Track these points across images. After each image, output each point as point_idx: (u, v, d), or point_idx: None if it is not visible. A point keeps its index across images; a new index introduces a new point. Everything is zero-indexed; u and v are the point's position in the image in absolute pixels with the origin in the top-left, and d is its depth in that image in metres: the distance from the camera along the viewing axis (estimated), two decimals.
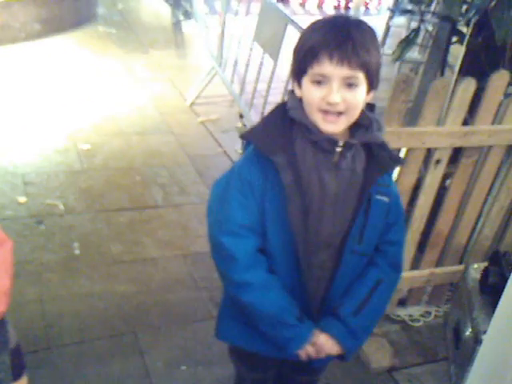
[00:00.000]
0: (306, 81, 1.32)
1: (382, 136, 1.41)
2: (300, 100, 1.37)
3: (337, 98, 1.28)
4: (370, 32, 1.31)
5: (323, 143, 1.35)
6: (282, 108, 1.40)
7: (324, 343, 1.47)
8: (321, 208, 1.38)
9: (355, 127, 1.38)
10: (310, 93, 1.31)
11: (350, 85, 1.29)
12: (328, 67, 1.27)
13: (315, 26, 1.32)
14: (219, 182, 1.45)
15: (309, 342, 1.45)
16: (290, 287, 1.44)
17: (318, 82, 1.29)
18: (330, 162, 1.37)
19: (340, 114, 1.31)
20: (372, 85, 1.34)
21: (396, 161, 1.47)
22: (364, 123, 1.38)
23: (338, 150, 1.36)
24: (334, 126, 1.33)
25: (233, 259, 1.38)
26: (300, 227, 1.37)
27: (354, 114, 1.34)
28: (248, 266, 1.39)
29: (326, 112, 1.31)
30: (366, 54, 1.27)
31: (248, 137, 1.41)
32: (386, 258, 1.52)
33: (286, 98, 1.44)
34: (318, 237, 1.40)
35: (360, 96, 1.32)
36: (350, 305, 1.49)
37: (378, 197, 1.42)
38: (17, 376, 1.69)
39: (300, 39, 1.35)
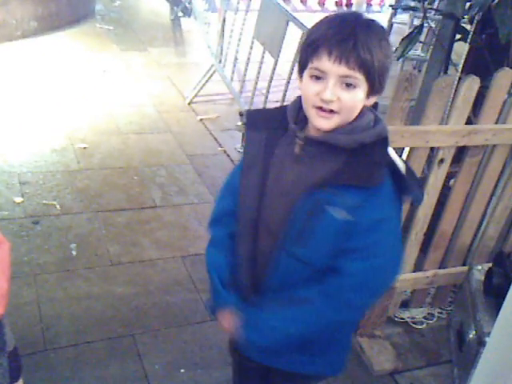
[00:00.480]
0: (305, 75, 1.33)
1: (350, 141, 1.31)
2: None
3: (330, 95, 1.27)
4: (379, 33, 1.29)
5: (289, 133, 1.40)
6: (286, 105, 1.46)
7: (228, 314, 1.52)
8: (273, 195, 1.42)
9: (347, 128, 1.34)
10: (307, 87, 1.31)
11: (347, 85, 1.27)
12: (326, 63, 1.26)
13: (323, 21, 1.32)
14: None
15: (221, 310, 1.53)
16: (237, 269, 1.54)
17: (317, 77, 1.29)
18: (291, 152, 1.39)
19: (333, 112, 1.30)
20: (374, 88, 1.31)
21: (365, 178, 1.30)
22: (355, 126, 1.33)
23: (300, 142, 1.37)
24: (326, 123, 1.31)
25: (211, 215, 1.60)
26: (251, 206, 1.45)
27: (349, 116, 1.32)
28: (216, 222, 1.58)
29: (319, 108, 1.30)
30: (367, 55, 1.24)
31: (248, 113, 1.49)
32: (321, 283, 1.39)
33: (287, 97, 1.47)
34: (263, 221, 1.45)
35: (357, 98, 1.29)
36: (271, 298, 1.47)
37: (331, 209, 1.31)
38: (14, 378, 1.70)
39: (307, 32, 1.36)
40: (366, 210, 1.32)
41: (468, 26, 3.02)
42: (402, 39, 3.02)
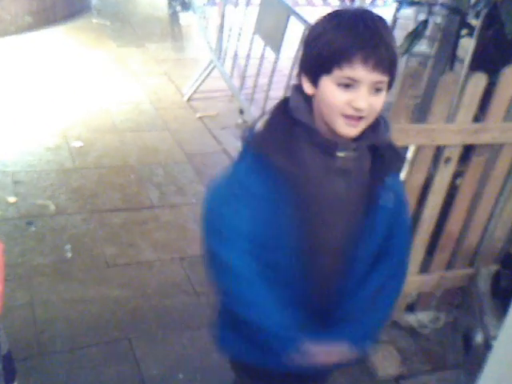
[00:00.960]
0: (328, 81, 1.26)
1: (388, 136, 1.39)
2: (307, 98, 1.33)
3: (365, 104, 1.25)
4: (389, 28, 1.29)
5: (323, 146, 1.33)
6: (283, 107, 1.36)
7: (334, 356, 1.45)
8: (329, 215, 1.38)
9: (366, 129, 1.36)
10: (334, 96, 1.26)
11: (377, 89, 1.27)
12: (361, 71, 1.22)
13: (340, 22, 1.26)
14: (216, 189, 1.42)
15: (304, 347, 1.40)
16: (296, 300, 1.44)
17: (346, 85, 1.24)
18: (331, 166, 1.34)
19: (361, 118, 1.28)
20: (391, 85, 1.32)
21: (401, 160, 1.48)
22: (373, 124, 1.35)
23: (341, 153, 1.33)
24: (354, 130, 1.30)
25: (229, 268, 1.37)
26: (305, 235, 1.36)
27: (373, 118, 1.32)
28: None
29: (348, 116, 1.27)
30: (395, 56, 1.26)
31: (255, 146, 1.34)
32: (390, 260, 1.50)
33: (288, 94, 1.41)
34: (327, 244, 1.40)
35: (383, 100, 1.30)
36: (355, 308, 1.48)
37: (383, 201, 1.40)
38: (9, 383, 1.70)
39: (320, 34, 1.27)
40: (398, 191, 1.46)
41: (474, 22, 3.02)
42: (407, 35, 3.01)
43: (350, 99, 1.25)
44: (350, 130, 1.29)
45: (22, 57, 5.17)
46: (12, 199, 3.23)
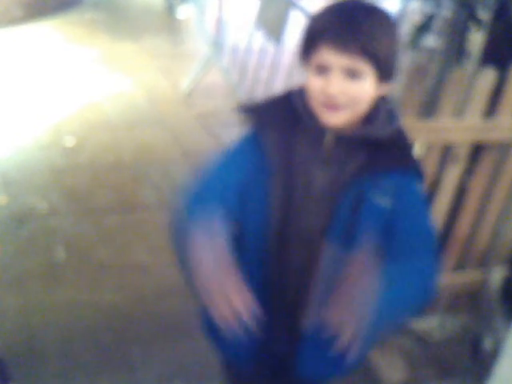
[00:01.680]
0: (309, 69, 1.31)
1: (390, 131, 1.34)
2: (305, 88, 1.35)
3: (333, 89, 1.26)
4: (384, 18, 1.28)
5: (312, 133, 1.35)
6: (289, 93, 1.40)
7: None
8: (304, 202, 1.37)
9: (364, 121, 1.35)
10: (311, 83, 1.30)
11: (352, 75, 1.26)
12: (326, 55, 1.25)
13: (321, 11, 1.31)
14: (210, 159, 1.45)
15: None
16: (260, 282, 1.40)
17: (320, 71, 1.28)
18: (319, 154, 1.35)
19: (339, 106, 1.28)
20: (384, 76, 1.30)
21: (403, 162, 1.37)
22: (370, 115, 1.35)
23: (329, 142, 1.34)
24: (335, 118, 1.30)
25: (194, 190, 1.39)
26: (279, 219, 1.37)
27: (359, 108, 1.31)
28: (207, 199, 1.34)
29: (325, 104, 1.29)
30: (371, 41, 1.23)
31: (246, 110, 1.40)
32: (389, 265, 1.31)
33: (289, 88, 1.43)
34: (299, 232, 1.38)
35: (365, 88, 1.28)
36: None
37: (374, 199, 1.34)
38: (5, 381, 1.71)
39: (305, 25, 1.33)
40: (409, 195, 1.37)
41: (483, 15, 3.01)
42: (414, 28, 3.01)
43: (323, 86, 1.27)
44: (330, 119, 1.30)
45: (13, 50, 5.17)
46: (3, 199, 3.22)
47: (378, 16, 1.28)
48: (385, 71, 1.29)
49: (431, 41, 5.21)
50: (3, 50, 5.17)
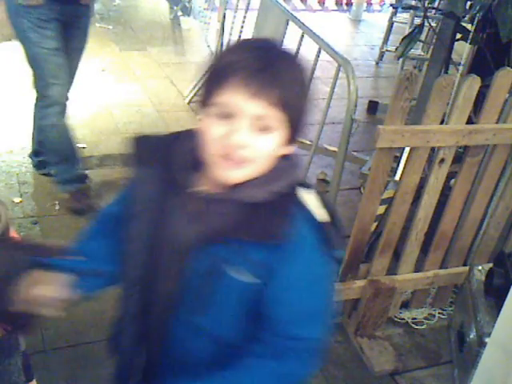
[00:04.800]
0: (208, 112, 1.05)
1: (260, 195, 1.07)
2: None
3: (238, 139, 1.01)
4: (301, 66, 1.08)
5: (177, 184, 1.12)
6: (178, 134, 1.20)
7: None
8: (163, 251, 1.14)
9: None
10: (209, 129, 1.04)
11: (263, 128, 1.03)
12: (237, 98, 1.00)
13: (234, 46, 1.11)
14: None
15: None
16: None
17: (224, 115, 1.02)
18: (183, 205, 1.12)
19: (243, 161, 1.04)
20: (294, 134, 1.07)
21: (271, 235, 1.05)
22: (274, 174, 1.09)
23: (193, 198, 1.11)
24: (235, 175, 1.05)
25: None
26: (134, 264, 1.17)
27: (262, 166, 1.07)
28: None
29: (225, 157, 1.03)
30: (290, 91, 1.03)
31: (136, 139, 1.19)
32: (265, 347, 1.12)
33: None
34: (154, 284, 1.16)
35: (271, 145, 1.05)
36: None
37: (231, 270, 1.08)
38: (29, 377, 1.73)
39: (213, 59, 1.09)
40: (286, 272, 1.09)
41: (469, 26, 3.03)
42: (403, 38, 3.03)
43: (225, 133, 1.02)
44: (231, 174, 1.05)
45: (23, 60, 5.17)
46: (17, 199, 3.24)
47: (297, 64, 1.08)
48: (295, 130, 1.07)
49: (419, 50, 5.24)
50: (16, 59, 5.18)
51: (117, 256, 1.19)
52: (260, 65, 1.01)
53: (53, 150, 3.16)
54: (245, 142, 1.02)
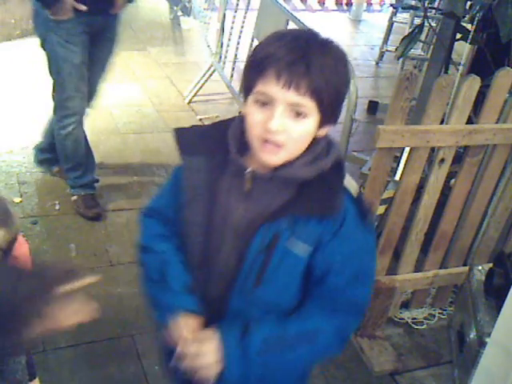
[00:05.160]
0: (250, 100, 1.16)
1: (309, 172, 1.18)
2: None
3: (277, 125, 1.11)
4: (337, 54, 1.15)
5: (233, 166, 1.22)
6: (226, 122, 1.29)
7: (206, 343, 1.21)
8: (223, 233, 1.25)
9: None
10: (251, 115, 1.15)
11: (297, 114, 1.12)
12: (273, 87, 1.10)
13: (272, 36, 1.16)
14: None
15: (184, 314, 1.27)
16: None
17: (263, 103, 1.13)
18: (239, 189, 1.22)
19: (280, 145, 1.14)
20: (326, 118, 1.16)
21: (325, 209, 1.17)
22: (315, 154, 1.20)
23: (248, 178, 1.21)
24: (273, 158, 1.16)
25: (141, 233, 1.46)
26: (199, 244, 1.28)
27: (296, 150, 1.17)
28: (151, 235, 1.44)
29: (265, 141, 1.14)
30: (321, 80, 1.09)
31: (178, 131, 1.31)
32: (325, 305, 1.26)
33: None
34: (214, 264, 1.27)
35: (307, 129, 1.14)
36: (264, 333, 1.23)
37: (289, 245, 1.19)
38: (32, 375, 1.74)
39: (253, 49, 1.19)
40: (337, 242, 1.19)
41: (469, 26, 3.03)
42: (403, 38, 3.03)
43: (265, 119, 1.12)
44: (268, 158, 1.16)
45: (27, 60, 5.17)
46: (17, 199, 3.24)
47: (332, 52, 1.14)
48: (329, 114, 1.16)
49: (419, 50, 5.24)
50: (17, 59, 5.18)
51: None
52: (294, 56, 1.09)
53: (65, 156, 3.18)
54: (281, 127, 1.11)
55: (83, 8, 2.77)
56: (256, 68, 1.13)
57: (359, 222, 1.22)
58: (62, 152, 3.18)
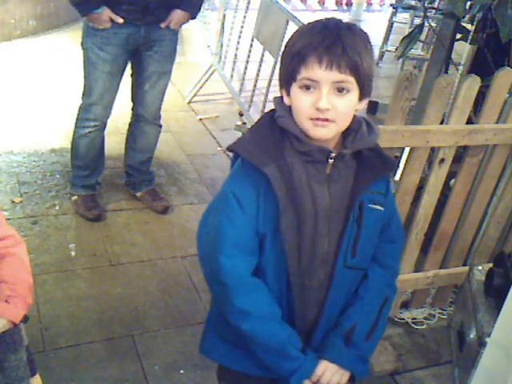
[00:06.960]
0: (294, 87, 1.29)
1: (373, 140, 1.38)
2: (289, 108, 1.33)
3: (326, 103, 1.25)
4: (363, 35, 1.29)
5: (315, 154, 1.32)
6: (270, 117, 1.37)
7: (333, 374, 1.42)
8: (314, 223, 1.34)
9: (346, 134, 1.36)
10: (299, 100, 1.28)
11: (340, 90, 1.26)
12: (317, 71, 1.23)
13: (304, 29, 1.30)
14: (210, 206, 1.43)
15: (312, 374, 1.41)
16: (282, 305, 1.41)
17: (307, 87, 1.26)
18: (321, 174, 1.34)
19: (329, 120, 1.27)
20: (364, 91, 1.31)
21: (388, 166, 1.43)
22: (354, 129, 1.36)
23: (331, 160, 1.33)
24: (325, 131, 1.29)
25: (230, 286, 1.34)
26: (293, 244, 1.34)
27: (344, 123, 1.32)
28: (246, 293, 1.35)
29: (316, 119, 1.27)
30: (357, 57, 1.24)
31: (236, 149, 1.35)
32: (385, 269, 1.50)
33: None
34: (313, 254, 1.36)
35: (351, 103, 1.29)
36: (361, 329, 1.45)
37: (372, 205, 1.39)
38: (32, 372, 1.74)
39: (288, 43, 1.31)
40: (389, 196, 1.47)
41: (469, 26, 3.03)
42: (403, 38, 3.02)
43: (313, 101, 1.25)
44: (320, 133, 1.29)
45: (27, 60, 5.18)
46: (17, 199, 3.24)
47: (359, 34, 1.28)
48: (365, 87, 1.30)
49: (419, 50, 5.24)
50: (17, 59, 5.18)
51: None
52: (329, 41, 1.23)
53: (76, 153, 3.19)
54: (329, 105, 1.25)
55: (120, 21, 2.78)
56: (297, 58, 1.25)
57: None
58: (75, 149, 3.19)
